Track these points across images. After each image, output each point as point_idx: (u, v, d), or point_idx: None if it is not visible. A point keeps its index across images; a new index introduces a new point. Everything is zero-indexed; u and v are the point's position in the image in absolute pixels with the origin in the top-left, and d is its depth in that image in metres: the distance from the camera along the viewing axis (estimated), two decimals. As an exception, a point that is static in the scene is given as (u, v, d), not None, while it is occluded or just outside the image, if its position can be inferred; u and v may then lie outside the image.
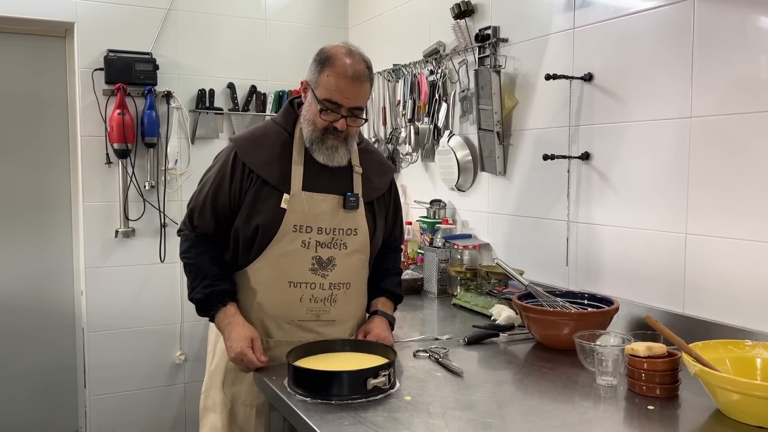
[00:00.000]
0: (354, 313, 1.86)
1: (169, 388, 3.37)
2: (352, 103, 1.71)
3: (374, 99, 3.40)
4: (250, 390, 1.80)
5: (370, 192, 1.86)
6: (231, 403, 1.83)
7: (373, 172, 1.88)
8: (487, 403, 1.48)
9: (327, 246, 1.77)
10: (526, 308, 1.90)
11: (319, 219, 1.76)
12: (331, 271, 1.78)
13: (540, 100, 2.36)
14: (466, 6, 2.65)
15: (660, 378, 1.49)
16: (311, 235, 1.75)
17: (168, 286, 3.29)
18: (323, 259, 1.77)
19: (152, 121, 3.16)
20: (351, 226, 1.80)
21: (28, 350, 3.24)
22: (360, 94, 1.71)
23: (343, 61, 1.68)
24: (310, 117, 1.75)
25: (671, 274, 1.91)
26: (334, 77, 1.67)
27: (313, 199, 1.76)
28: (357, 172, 1.84)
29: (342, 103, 1.69)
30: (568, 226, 2.24)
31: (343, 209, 1.78)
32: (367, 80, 1.72)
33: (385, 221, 1.93)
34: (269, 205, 1.74)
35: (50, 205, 3.26)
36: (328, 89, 1.68)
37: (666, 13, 1.90)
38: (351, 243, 1.80)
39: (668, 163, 1.91)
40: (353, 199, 1.79)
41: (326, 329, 1.80)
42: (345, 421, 1.37)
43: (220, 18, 3.39)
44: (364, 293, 1.90)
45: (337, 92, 1.68)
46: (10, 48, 3.13)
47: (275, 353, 1.75)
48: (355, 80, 1.68)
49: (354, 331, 1.86)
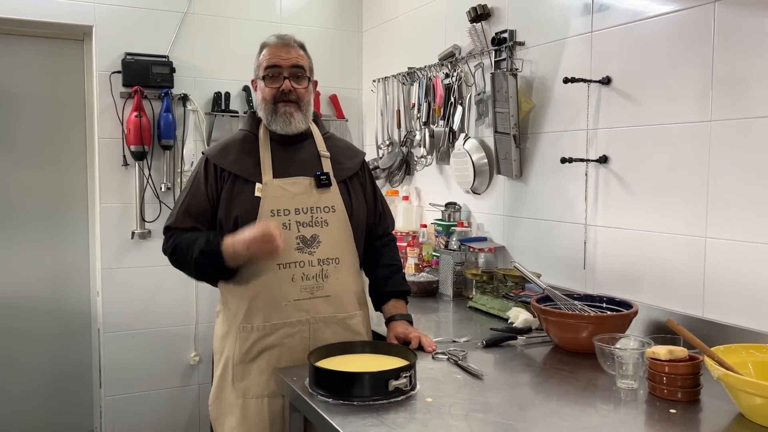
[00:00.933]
0: (349, 287, 1.90)
1: (183, 389, 3.39)
2: (289, 62, 1.86)
3: (388, 102, 3.42)
4: (258, 380, 1.83)
5: (340, 172, 1.95)
6: (243, 398, 1.85)
7: (342, 155, 1.99)
8: (508, 405, 1.48)
9: (308, 225, 1.85)
10: (544, 311, 1.90)
11: (294, 200, 1.85)
12: (317, 248, 1.84)
13: (557, 103, 2.37)
14: (482, 10, 2.66)
15: (681, 381, 1.49)
16: (290, 217, 1.83)
17: (183, 288, 3.30)
18: (307, 238, 1.84)
19: (169, 124, 3.19)
20: (327, 203, 1.88)
21: (44, 350, 3.27)
22: (292, 54, 1.87)
23: (272, 38, 1.91)
24: (261, 97, 1.90)
25: (691, 278, 1.90)
26: (267, 49, 1.89)
27: (285, 184, 1.86)
28: (324, 156, 1.94)
29: (279, 63, 1.85)
30: (586, 229, 2.24)
31: (316, 189, 1.87)
32: (296, 44, 1.89)
33: (365, 201, 1.99)
34: (244, 197, 1.83)
35: (68, 206, 3.29)
36: (265, 59, 1.87)
37: (685, 16, 1.90)
38: (331, 220, 1.87)
39: (687, 166, 1.91)
40: (324, 177, 1.89)
41: (323, 305, 1.84)
42: (367, 421, 1.38)
43: (235, 21, 3.42)
44: (355, 268, 1.95)
45: (272, 57, 1.86)
46: (30, 51, 3.17)
47: (277, 336, 1.81)
48: (284, 44, 1.87)
49: (352, 307, 1.90)
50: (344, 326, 1.89)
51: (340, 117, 3.68)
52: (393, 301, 1.98)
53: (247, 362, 1.85)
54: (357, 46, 3.77)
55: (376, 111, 3.51)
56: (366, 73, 3.74)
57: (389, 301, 1.98)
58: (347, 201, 1.92)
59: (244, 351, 1.84)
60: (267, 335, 1.82)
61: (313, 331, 1.84)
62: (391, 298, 1.98)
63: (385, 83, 3.44)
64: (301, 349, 1.82)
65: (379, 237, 2.07)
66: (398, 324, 1.91)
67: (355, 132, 3.76)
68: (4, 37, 3.10)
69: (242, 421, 1.84)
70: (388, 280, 2.00)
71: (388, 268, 2.02)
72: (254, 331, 1.83)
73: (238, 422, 1.85)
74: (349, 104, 3.74)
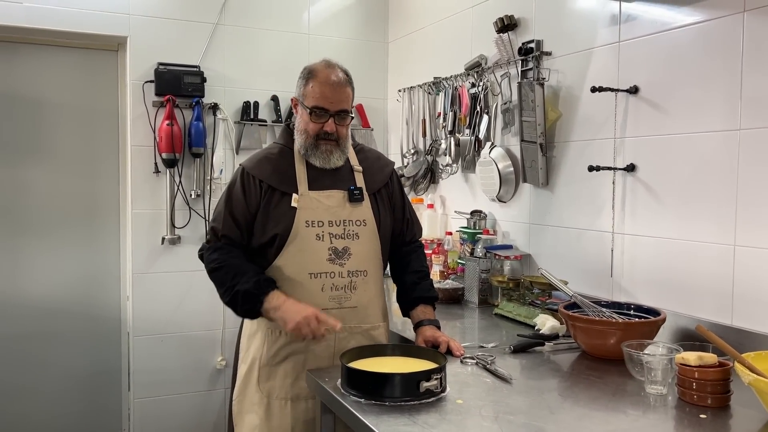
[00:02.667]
0: (374, 299, 1.96)
1: (210, 393, 3.44)
2: (337, 107, 1.89)
3: (413, 111, 3.46)
4: (283, 383, 1.89)
5: (371, 185, 2.00)
6: (267, 398, 1.89)
7: (373, 168, 2.04)
8: (538, 408, 1.50)
9: (340, 237, 1.90)
10: (572, 317, 1.92)
11: (328, 213, 1.90)
12: (347, 260, 1.89)
13: (584, 112, 2.39)
14: (509, 20, 2.70)
15: (711, 387, 1.49)
16: (323, 229, 1.88)
17: (211, 293, 3.25)
18: (339, 249, 1.89)
19: (199, 132, 3.26)
20: (359, 217, 1.93)
21: (75, 353, 3.34)
22: (342, 97, 1.90)
23: (325, 72, 1.90)
24: (302, 127, 1.92)
25: (719, 286, 1.91)
26: (318, 86, 1.88)
27: (320, 196, 1.91)
28: (357, 170, 1.99)
29: (328, 107, 1.88)
30: (613, 238, 2.25)
31: (349, 203, 1.93)
32: (347, 85, 1.92)
33: (392, 212, 2.04)
34: (281, 208, 1.89)
35: (100, 212, 3.37)
36: (314, 97, 1.88)
37: (714, 26, 1.91)
38: (362, 233, 1.93)
39: (716, 174, 1.91)
40: (357, 192, 1.94)
41: (349, 315, 1.89)
42: (400, 421, 1.41)
43: (264, 32, 3.49)
44: (381, 280, 2.01)
45: (322, 98, 1.87)
46: (66, 61, 3.26)
47: (305, 343, 1.86)
48: (336, 86, 1.88)
49: (376, 318, 1.96)
50: (368, 337, 1.94)
51: (365, 126, 3.73)
52: (421, 307, 2.01)
53: (274, 365, 1.90)
54: (383, 57, 3.82)
55: (401, 120, 3.56)
56: (391, 83, 3.79)
57: (417, 307, 2.01)
58: (377, 215, 1.97)
59: (271, 354, 1.89)
60: (294, 340, 1.87)
61: (339, 340, 1.89)
62: (419, 303, 2.02)
63: (411, 93, 3.48)
64: (326, 356, 1.87)
65: (406, 243, 2.11)
66: (426, 329, 1.94)
67: (380, 141, 3.80)
68: (42, 47, 3.20)
69: (265, 420, 1.89)
70: (416, 286, 2.03)
71: (416, 274, 2.05)
72: (282, 335, 1.88)
73: (261, 421, 1.89)
74: (374, 114, 3.79)
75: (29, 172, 3.22)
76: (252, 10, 3.45)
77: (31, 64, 3.20)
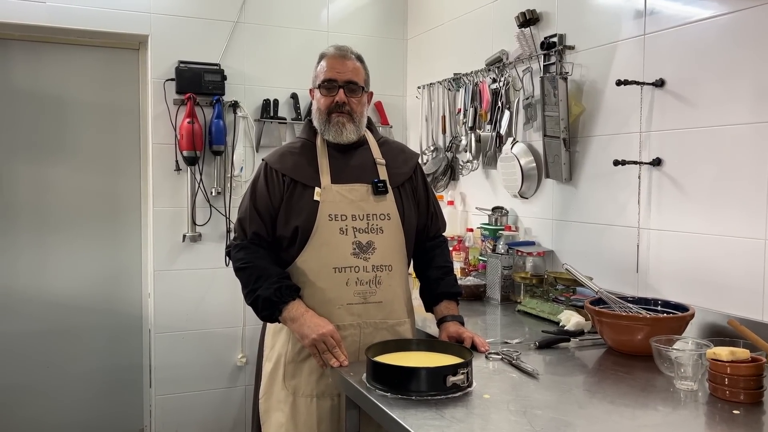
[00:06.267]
0: (399, 294, 1.94)
1: (230, 390, 3.45)
2: (345, 77, 1.91)
3: (433, 108, 3.44)
4: (308, 380, 1.88)
5: (395, 178, 1.98)
6: (293, 396, 1.89)
7: (396, 161, 2.02)
8: (566, 403, 1.48)
9: (364, 231, 1.88)
10: (599, 313, 1.89)
11: (351, 206, 1.88)
12: (372, 254, 1.88)
13: (608, 106, 2.36)
14: (531, 15, 2.67)
15: (744, 383, 1.46)
16: (347, 222, 1.87)
17: (231, 290, 3.35)
18: (363, 243, 1.87)
19: (220, 130, 3.27)
20: (383, 211, 1.92)
21: (97, 349, 3.37)
22: (348, 67, 1.92)
23: (332, 49, 1.96)
24: (316, 107, 1.96)
25: (749, 281, 1.87)
26: (325, 60, 1.94)
27: (343, 190, 1.90)
28: (380, 163, 1.97)
29: (335, 77, 1.90)
30: (639, 233, 2.23)
31: (373, 196, 1.91)
32: (353, 56, 1.95)
33: (417, 205, 2.02)
34: (304, 201, 1.88)
35: (122, 209, 3.39)
36: (322, 72, 1.93)
37: (741, 17, 1.88)
38: (386, 227, 1.91)
39: (744, 168, 1.88)
40: (381, 185, 1.93)
41: (374, 311, 1.88)
42: (427, 415, 1.40)
43: (284, 30, 3.49)
44: (405, 275, 1.99)
45: (329, 70, 1.91)
46: (88, 60, 3.29)
47: None
48: (341, 57, 1.93)
49: (401, 314, 1.94)
50: (393, 332, 1.92)
51: (384, 123, 3.72)
52: (445, 302, 2.00)
53: (299, 361, 1.89)
54: (402, 54, 3.81)
55: (421, 117, 3.54)
56: (410, 80, 3.78)
57: (441, 302, 2.00)
58: (401, 208, 1.95)
59: (296, 350, 1.89)
60: None
61: (364, 336, 1.87)
62: (443, 299, 2.00)
63: (430, 89, 3.46)
64: (351, 352, 1.85)
65: (431, 238, 2.09)
66: (450, 324, 1.93)
67: (399, 138, 3.78)
68: (64, 46, 3.23)
69: (290, 418, 1.88)
70: (440, 281, 2.02)
71: (440, 270, 2.04)
72: None
73: (287, 419, 1.89)
74: (393, 111, 3.78)
75: (52, 170, 3.26)
76: (272, 8, 3.46)
77: (53, 63, 3.23)
